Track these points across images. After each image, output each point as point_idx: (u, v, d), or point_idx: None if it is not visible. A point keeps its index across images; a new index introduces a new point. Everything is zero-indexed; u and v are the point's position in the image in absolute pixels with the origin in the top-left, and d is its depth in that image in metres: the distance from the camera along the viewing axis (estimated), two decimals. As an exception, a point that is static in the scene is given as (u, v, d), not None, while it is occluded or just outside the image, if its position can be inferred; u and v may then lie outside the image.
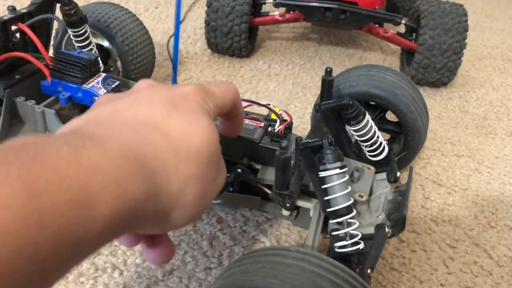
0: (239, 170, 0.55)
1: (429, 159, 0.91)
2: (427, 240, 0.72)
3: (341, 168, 0.48)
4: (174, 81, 0.50)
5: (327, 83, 0.63)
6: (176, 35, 0.45)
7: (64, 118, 0.67)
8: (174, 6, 1.48)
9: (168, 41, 1.08)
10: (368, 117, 0.60)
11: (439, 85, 1.16)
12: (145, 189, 0.25)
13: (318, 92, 1.10)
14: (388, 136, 0.78)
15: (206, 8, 1.15)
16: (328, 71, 0.62)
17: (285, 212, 0.58)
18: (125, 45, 0.87)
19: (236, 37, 1.14)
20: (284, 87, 1.11)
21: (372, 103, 0.73)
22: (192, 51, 1.22)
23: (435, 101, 1.11)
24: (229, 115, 0.40)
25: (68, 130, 0.26)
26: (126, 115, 0.29)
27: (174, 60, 0.46)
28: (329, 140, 0.48)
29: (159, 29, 1.32)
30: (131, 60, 0.89)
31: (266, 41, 1.33)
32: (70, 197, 0.21)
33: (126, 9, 0.92)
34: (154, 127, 0.29)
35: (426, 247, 0.71)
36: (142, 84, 0.33)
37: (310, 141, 0.49)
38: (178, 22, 0.44)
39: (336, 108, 0.59)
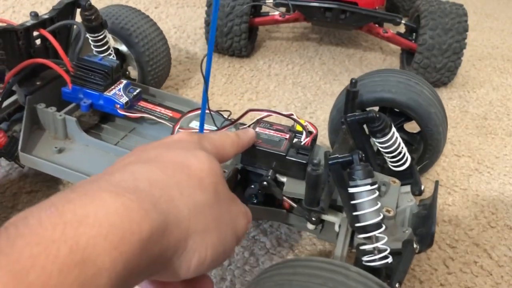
0: (265, 182, 0.54)
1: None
2: (427, 240, 0.72)
3: (371, 184, 0.47)
4: (205, 96, 0.50)
5: (352, 94, 0.62)
6: (209, 55, 0.44)
7: (84, 125, 0.67)
8: (173, 7, 1.48)
9: (202, 60, 1.07)
10: (393, 129, 0.59)
11: (439, 85, 1.16)
12: (149, 221, 0.23)
13: (318, 91, 1.10)
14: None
15: (206, 8, 1.15)
16: (353, 82, 0.61)
17: (310, 226, 0.57)
18: (146, 55, 0.87)
19: (236, 37, 1.14)
20: (284, 87, 1.11)
21: (397, 110, 0.72)
22: (192, 51, 1.22)
23: (435, 101, 1.11)
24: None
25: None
26: (114, 167, 0.27)
27: (206, 76, 0.46)
28: (360, 156, 0.47)
29: (159, 29, 1.32)
30: (149, 70, 0.89)
31: (266, 41, 1.33)
32: (62, 263, 0.19)
33: (148, 16, 0.92)
34: (147, 163, 0.27)
35: (426, 247, 0.71)
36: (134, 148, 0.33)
37: (340, 156, 0.47)
38: (211, 43, 0.44)
39: (363, 121, 0.58)
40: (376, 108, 0.70)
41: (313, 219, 0.54)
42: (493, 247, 0.73)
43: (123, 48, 0.88)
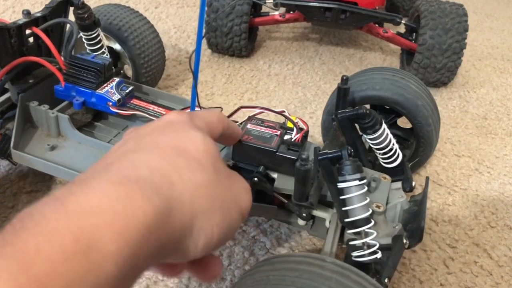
0: (256, 179, 0.54)
1: (429, 159, 0.91)
2: (427, 240, 0.72)
3: (360, 179, 0.48)
4: (194, 93, 0.50)
5: (343, 91, 0.62)
6: (198, 50, 0.44)
7: (76, 123, 0.67)
8: (173, 7, 1.48)
9: (191, 56, 1.07)
10: (384, 125, 0.59)
11: (439, 85, 1.16)
12: (153, 207, 0.23)
13: (318, 91, 1.10)
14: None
15: (206, 8, 1.15)
16: (344, 79, 0.61)
17: (301, 222, 0.57)
18: (137, 49, 0.87)
19: (236, 37, 1.14)
20: (284, 87, 1.11)
21: (387, 107, 0.72)
22: (192, 51, 1.22)
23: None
24: (224, 136, 0.38)
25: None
26: (112, 156, 0.28)
27: (195, 71, 0.46)
28: (349, 151, 0.47)
29: (159, 29, 1.31)
30: (142, 63, 0.89)
31: (266, 41, 1.33)
32: (67, 251, 0.20)
33: (137, 11, 0.92)
34: (145, 150, 0.27)
35: (426, 247, 0.71)
36: (126, 132, 0.33)
37: (329, 151, 0.48)
38: (200, 37, 0.44)
39: (353, 117, 0.59)
40: (368, 105, 0.70)
41: (304, 215, 0.54)
42: (493, 247, 0.73)
43: (116, 46, 0.88)
